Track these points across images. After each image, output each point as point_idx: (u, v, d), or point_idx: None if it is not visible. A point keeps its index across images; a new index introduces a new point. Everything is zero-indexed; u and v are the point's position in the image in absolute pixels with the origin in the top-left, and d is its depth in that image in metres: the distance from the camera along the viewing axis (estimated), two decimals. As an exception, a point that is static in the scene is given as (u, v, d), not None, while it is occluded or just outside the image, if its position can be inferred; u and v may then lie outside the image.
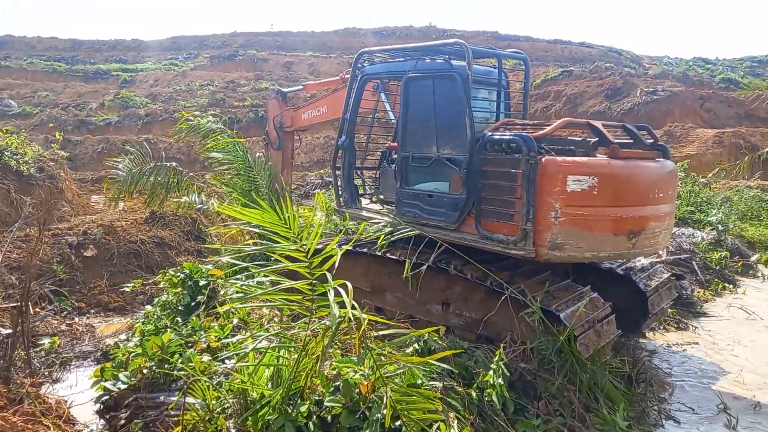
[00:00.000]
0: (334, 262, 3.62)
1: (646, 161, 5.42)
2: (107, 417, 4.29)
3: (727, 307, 8.31)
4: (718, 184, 16.30)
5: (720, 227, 11.33)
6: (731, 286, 9.37)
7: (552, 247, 4.85)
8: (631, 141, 5.61)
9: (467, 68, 5.45)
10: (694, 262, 9.55)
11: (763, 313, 8.02)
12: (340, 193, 7.10)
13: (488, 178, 5.25)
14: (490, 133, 5.32)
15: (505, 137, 5.19)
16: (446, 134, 5.71)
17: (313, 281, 3.57)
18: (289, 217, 3.63)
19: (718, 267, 9.85)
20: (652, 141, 5.73)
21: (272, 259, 4.13)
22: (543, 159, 4.86)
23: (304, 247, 3.58)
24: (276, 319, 5.61)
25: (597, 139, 5.31)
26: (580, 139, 5.68)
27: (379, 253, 5.97)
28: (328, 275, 3.51)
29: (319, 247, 3.74)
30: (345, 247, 3.65)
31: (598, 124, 5.40)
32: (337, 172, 7.08)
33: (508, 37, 44.76)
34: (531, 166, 4.83)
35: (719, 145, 19.74)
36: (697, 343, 6.86)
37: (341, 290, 3.35)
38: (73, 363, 6.04)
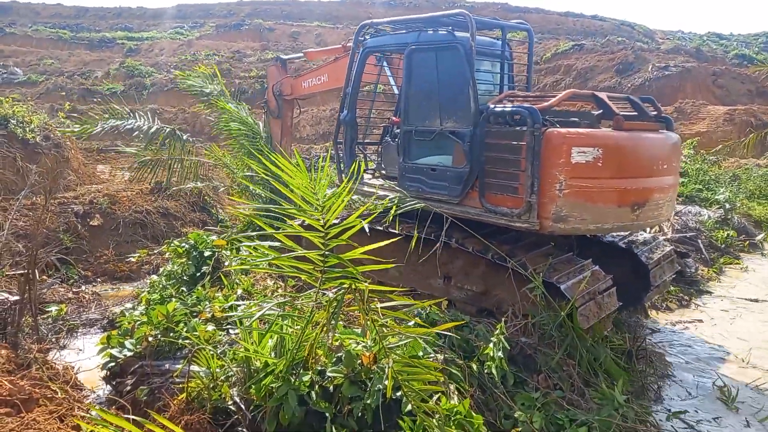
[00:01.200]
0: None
1: (651, 133, 5.38)
2: (113, 383, 4.37)
3: (733, 286, 8.31)
4: (727, 163, 16.14)
5: (727, 206, 11.25)
6: (737, 261, 9.36)
7: (556, 220, 4.84)
8: (636, 113, 5.55)
9: (471, 39, 5.36)
10: (699, 241, 9.52)
11: (765, 292, 8.02)
12: (342, 168, 7.07)
13: (492, 151, 5.21)
14: (493, 106, 5.26)
15: (508, 109, 5.13)
16: (449, 107, 5.65)
17: (326, 252, 3.55)
18: (318, 183, 3.56)
19: (723, 245, 9.82)
20: (656, 113, 5.68)
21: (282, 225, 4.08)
22: (547, 131, 4.81)
23: (325, 217, 3.53)
24: (280, 290, 5.66)
25: (601, 111, 5.25)
26: (583, 111, 5.63)
27: (380, 227, 5.97)
28: (353, 245, 3.46)
29: (335, 221, 3.71)
30: (363, 222, 3.60)
31: (602, 95, 5.33)
32: (339, 147, 7.04)
33: (518, 9, 44.03)
34: (536, 138, 4.79)
35: (730, 122, 19.50)
36: (701, 321, 6.89)
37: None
38: (79, 330, 6.14)
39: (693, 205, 11.62)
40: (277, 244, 3.70)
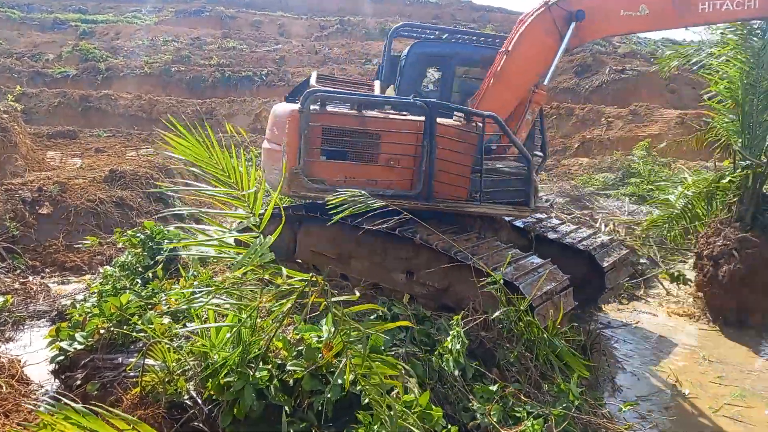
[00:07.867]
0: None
1: None
2: (62, 377, 4.23)
3: (685, 283, 8.61)
4: (678, 164, 16.75)
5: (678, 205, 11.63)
6: (688, 259, 9.70)
7: None
8: None
9: None
10: (650, 239, 9.83)
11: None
12: None
13: None
14: None
15: None
16: None
17: (259, 234, 3.52)
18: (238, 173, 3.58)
19: (672, 244, 10.16)
20: None
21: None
22: None
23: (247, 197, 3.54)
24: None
25: None
26: None
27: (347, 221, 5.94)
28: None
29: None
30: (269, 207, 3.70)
31: None
32: None
33: (482, 8, 44.39)
34: None
35: (681, 125, 20.20)
36: (656, 315, 7.13)
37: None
38: (26, 323, 5.89)
39: (645, 204, 12.02)
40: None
